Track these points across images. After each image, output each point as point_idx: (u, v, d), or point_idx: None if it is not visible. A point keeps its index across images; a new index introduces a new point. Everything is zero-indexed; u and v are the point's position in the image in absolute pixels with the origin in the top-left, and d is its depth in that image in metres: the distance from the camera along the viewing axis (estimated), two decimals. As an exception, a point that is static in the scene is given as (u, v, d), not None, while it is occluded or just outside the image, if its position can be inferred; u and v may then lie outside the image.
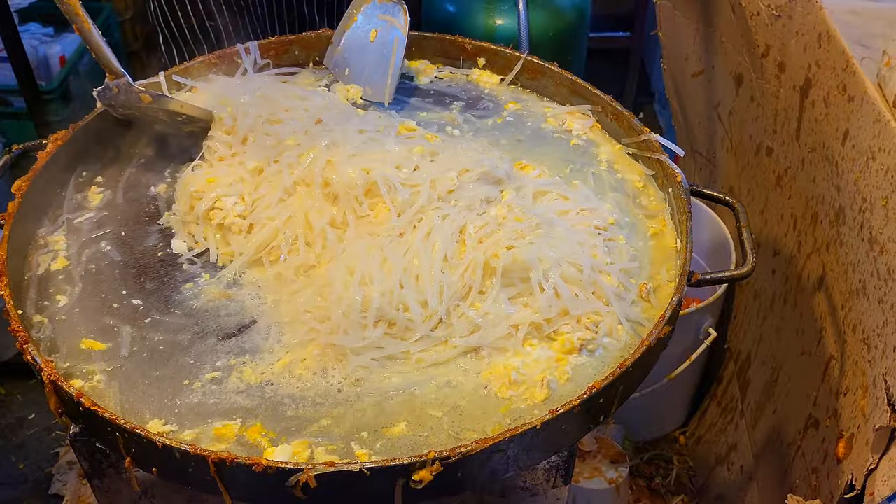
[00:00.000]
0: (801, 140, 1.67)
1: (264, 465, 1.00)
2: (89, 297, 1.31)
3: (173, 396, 1.17)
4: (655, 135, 1.51)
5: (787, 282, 1.78)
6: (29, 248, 1.38)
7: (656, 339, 1.18)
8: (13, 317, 1.18)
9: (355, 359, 1.21)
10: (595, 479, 2.08)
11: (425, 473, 1.03)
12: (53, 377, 1.10)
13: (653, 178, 1.52)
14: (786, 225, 1.77)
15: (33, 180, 1.39)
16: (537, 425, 1.06)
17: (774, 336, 1.88)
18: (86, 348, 1.23)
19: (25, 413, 2.54)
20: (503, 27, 2.71)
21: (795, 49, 1.66)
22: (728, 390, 2.17)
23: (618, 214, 1.43)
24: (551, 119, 1.66)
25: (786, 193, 1.77)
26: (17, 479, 2.38)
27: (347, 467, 1.01)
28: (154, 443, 1.03)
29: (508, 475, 1.12)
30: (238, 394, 1.17)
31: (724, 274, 1.35)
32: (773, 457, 1.80)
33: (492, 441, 1.04)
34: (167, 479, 1.09)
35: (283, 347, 1.24)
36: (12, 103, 3.13)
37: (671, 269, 1.36)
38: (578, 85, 1.66)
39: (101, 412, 1.06)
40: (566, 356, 1.23)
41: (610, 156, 1.58)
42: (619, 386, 1.15)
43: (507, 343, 1.23)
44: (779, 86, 1.76)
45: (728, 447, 2.12)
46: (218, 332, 1.25)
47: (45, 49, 3.19)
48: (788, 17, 1.68)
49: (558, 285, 1.24)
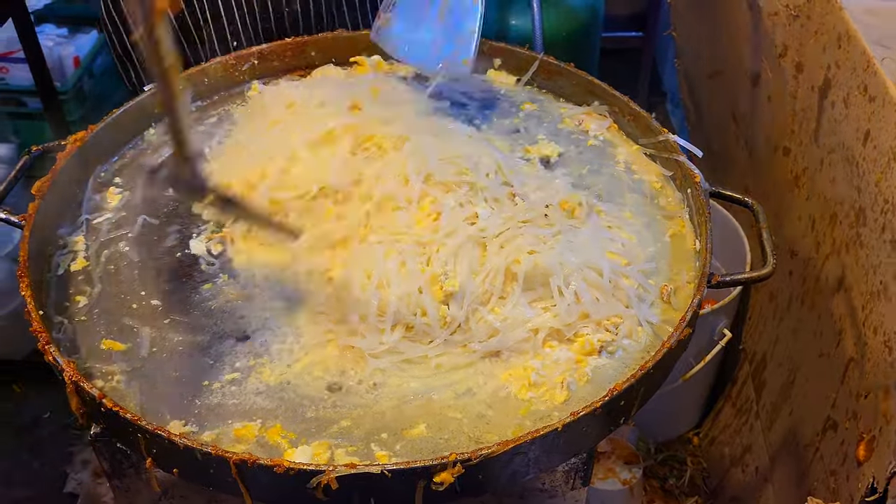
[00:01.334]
0: (819, 141, 1.67)
1: (286, 466, 1.00)
2: (109, 297, 1.31)
3: (193, 397, 1.17)
4: (674, 135, 1.51)
5: (804, 283, 1.78)
6: (49, 248, 1.38)
7: (677, 340, 1.18)
8: (34, 317, 1.18)
9: (374, 362, 1.21)
10: (609, 479, 2.08)
11: (447, 475, 1.03)
12: (75, 378, 1.10)
13: (671, 179, 1.51)
14: (803, 226, 1.76)
15: (53, 181, 1.40)
16: (559, 427, 1.06)
17: (791, 337, 1.87)
18: (106, 349, 1.23)
19: (40, 412, 2.55)
20: (516, 27, 2.71)
21: (814, 49, 1.65)
22: (743, 391, 2.17)
23: (636, 215, 1.43)
24: (567, 119, 1.65)
25: (803, 194, 1.76)
26: (32, 478, 2.39)
27: (369, 469, 1.01)
28: (176, 444, 1.03)
29: (529, 477, 1.12)
30: (257, 395, 1.18)
31: (743, 276, 1.34)
32: (790, 458, 1.80)
33: (513, 443, 1.04)
34: (188, 479, 1.09)
35: (301, 349, 1.24)
36: (27, 104, 3.15)
37: (690, 270, 1.35)
38: (595, 85, 1.65)
39: (123, 413, 1.06)
40: (586, 358, 1.23)
41: (627, 156, 1.57)
42: (640, 388, 1.15)
43: (527, 346, 1.23)
44: (797, 86, 1.75)
45: (743, 448, 2.11)
46: (237, 333, 1.26)
47: (60, 50, 3.20)
48: (807, 17, 1.67)
49: (579, 290, 1.24)
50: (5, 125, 3.19)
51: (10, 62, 3.10)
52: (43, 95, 2.56)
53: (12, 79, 3.12)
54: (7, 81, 3.12)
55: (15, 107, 3.16)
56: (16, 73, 3.10)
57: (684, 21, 2.33)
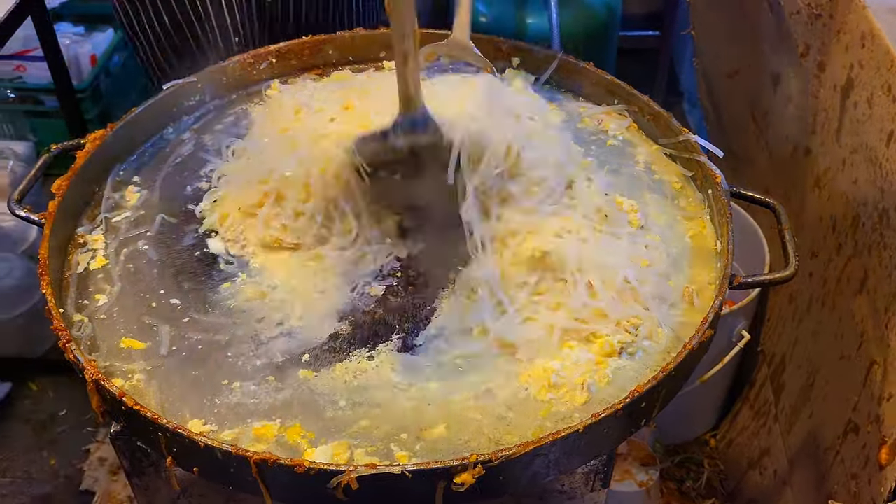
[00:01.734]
0: (841, 141, 1.65)
1: (306, 466, 1.00)
2: (128, 296, 1.31)
3: (212, 396, 1.17)
4: (694, 135, 1.50)
5: (825, 284, 1.76)
6: (69, 246, 1.38)
7: (699, 342, 1.17)
8: (55, 315, 1.18)
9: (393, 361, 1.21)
10: (625, 481, 2.07)
11: (467, 476, 1.02)
12: (96, 376, 1.10)
13: (691, 180, 1.50)
14: (824, 227, 1.75)
15: (72, 180, 1.40)
16: (580, 429, 1.05)
17: (811, 339, 1.86)
18: (125, 347, 1.23)
19: (57, 409, 2.56)
20: (533, 25, 2.70)
21: (836, 48, 1.64)
22: (761, 394, 2.15)
23: (657, 215, 1.42)
24: (587, 119, 1.64)
25: (825, 195, 1.75)
26: (49, 475, 2.40)
27: (389, 469, 1.00)
28: (196, 443, 1.03)
29: (549, 479, 1.11)
30: (277, 394, 1.17)
31: (765, 277, 1.33)
32: (810, 462, 1.78)
33: (534, 444, 1.03)
34: (208, 478, 1.09)
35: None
36: (44, 102, 3.17)
37: (711, 271, 1.34)
38: (615, 84, 1.64)
39: (144, 411, 1.06)
40: (606, 359, 1.22)
41: (647, 156, 1.56)
42: (661, 390, 1.14)
43: (543, 340, 1.22)
44: (818, 86, 1.74)
45: (761, 451, 2.10)
46: (256, 332, 1.25)
47: (77, 48, 3.21)
48: (829, 16, 1.66)
49: (598, 289, 1.23)
50: (23, 123, 3.20)
51: (28, 60, 3.11)
52: (60, 94, 2.56)
53: (29, 77, 3.13)
54: (24, 80, 3.14)
55: (32, 105, 3.17)
56: (33, 72, 3.11)
57: (703, 20, 2.32)
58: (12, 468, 2.42)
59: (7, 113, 3.16)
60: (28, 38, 2.88)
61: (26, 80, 3.14)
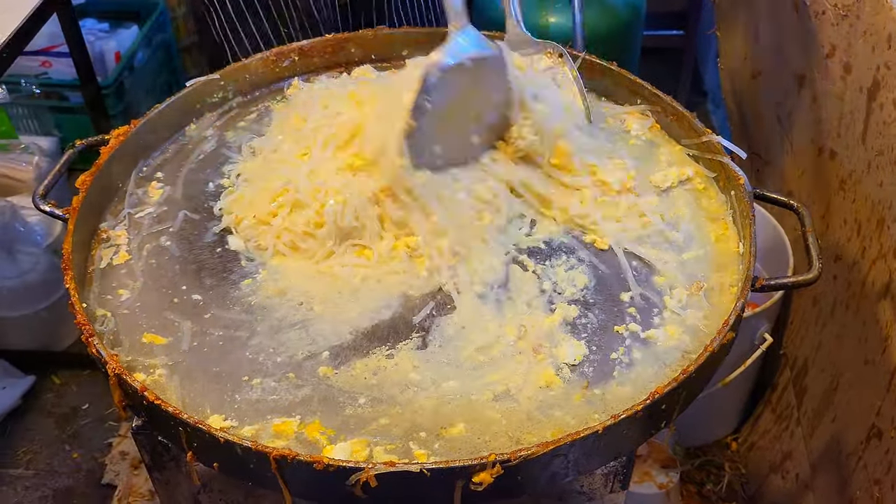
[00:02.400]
0: (867, 143, 1.63)
1: (325, 462, 1.00)
2: (150, 291, 1.32)
3: (233, 392, 1.17)
4: (717, 136, 1.48)
5: (849, 288, 1.74)
6: (92, 242, 1.39)
7: (720, 344, 1.16)
8: (78, 310, 1.19)
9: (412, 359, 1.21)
10: (645, 483, 2.06)
11: (486, 476, 1.02)
12: (118, 371, 1.11)
13: (714, 181, 1.49)
14: (849, 230, 1.73)
15: (96, 175, 1.41)
16: (599, 430, 1.05)
17: (834, 343, 1.84)
18: (147, 342, 1.24)
19: (79, 402, 2.58)
20: (556, 25, 2.69)
21: (863, 50, 1.62)
22: (783, 397, 2.13)
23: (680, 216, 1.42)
24: (610, 119, 1.63)
25: (849, 198, 1.73)
26: (72, 468, 2.42)
27: (408, 467, 1.00)
28: (216, 438, 1.03)
29: (568, 479, 1.11)
30: (297, 390, 1.18)
31: (789, 280, 1.32)
32: (832, 466, 1.77)
33: (553, 445, 1.03)
34: (228, 474, 1.10)
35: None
36: (68, 98, 3.20)
37: (734, 273, 1.33)
38: (638, 84, 1.63)
39: (165, 406, 1.07)
40: (624, 357, 1.21)
41: (670, 157, 1.55)
42: (681, 391, 1.13)
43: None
44: (844, 87, 1.72)
45: (783, 455, 2.08)
46: (276, 329, 1.26)
47: (101, 45, 3.24)
48: (856, 17, 1.64)
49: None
50: (47, 119, 3.24)
51: (53, 56, 3.15)
52: (85, 90, 2.59)
53: (54, 73, 3.17)
54: (49, 75, 3.17)
55: (57, 101, 3.21)
56: (58, 68, 3.15)
57: (728, 20, 2.30)
58: (35, 461, 2.45)
59: (32, 108, 3.19)
60: (53, 34, 2.91)
61: (51, 75, 3.17)
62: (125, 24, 3.43)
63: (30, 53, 3.07)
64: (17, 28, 2.02)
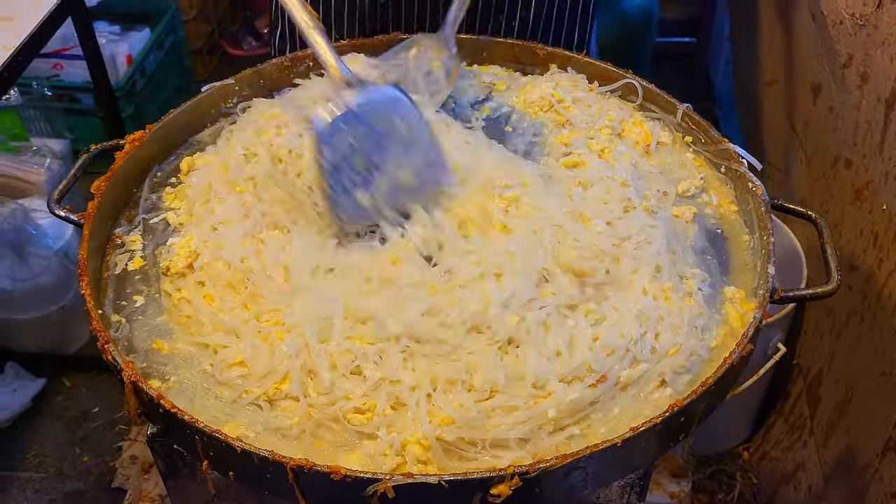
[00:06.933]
0: (884, 153, 1.62)
1: (343, 473, 0.99)
2: (165, 297, 1.31)
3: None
4: (734, 145, 1.48)
5: (864, 299, 1.73)
6: (106, 247, 1.39)
7: (739, 356, 1.15)
8: (94, 316, 1.19)
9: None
10: (656, 493, 2.05)
11: (504, 488, 1.01)
12: (134, 378, 1.10)
13: (731, 190, 1.48)
14: (865, 240, 1.72)
15: (111, 180, 1.41)
16: (618, 442, 1.04)
17: (849, 354, 1.83)
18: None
19: (90, 406, 2.58)
20: (569, 32, 2.68)
21: (881, 59, 1.61)
22: (796, 407, 2.12)
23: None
24: (626, 125, 1.62)
25: (866, 208, 1.72)
26: (82, 472, 2.42)
27: (426, 479, 1.00)
28: (233, 447, 1.03)
29: (586, 492, 1.10)
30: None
31: (807, 291, 1.31)
32: (846, 478, 1.75)
33: (572, 457, 1.02)
34: (244, 483, 1.09)
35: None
36: (80, 100, 3.20)
37: (751, 284, 1.32)
38: (653, 93, 1.62)
39: (181, 415, 1.06)
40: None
41: (686, 165, 1.54)
42: (700, 404, 1.12)
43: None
44: (861, 97, 1.71)
45: (795, 465, 2.07)
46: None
47: (113, 48, 3.25)
48: (874, 27, 1.63)
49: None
50: (59, 121, 3.24)
51: (65, 59, 3.15)
52: (98, 92, 2.58)
53: (67, 75, 3.17)
54: (62, 78, 3.17)
55: (69, 103, 3.21)
56: (70, 70, 3.15)
57: (742, 27, 2.29)
58: (45, 464, 2.45)
59: (44, 110, 3.20)
60: (65, 36, 2.91)
61: (63, 78, 3.17)
62: (137, 26, 3.43)
63: (42, 56, 3.05)
64: (31, 32, 2.02)
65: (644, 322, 1.21)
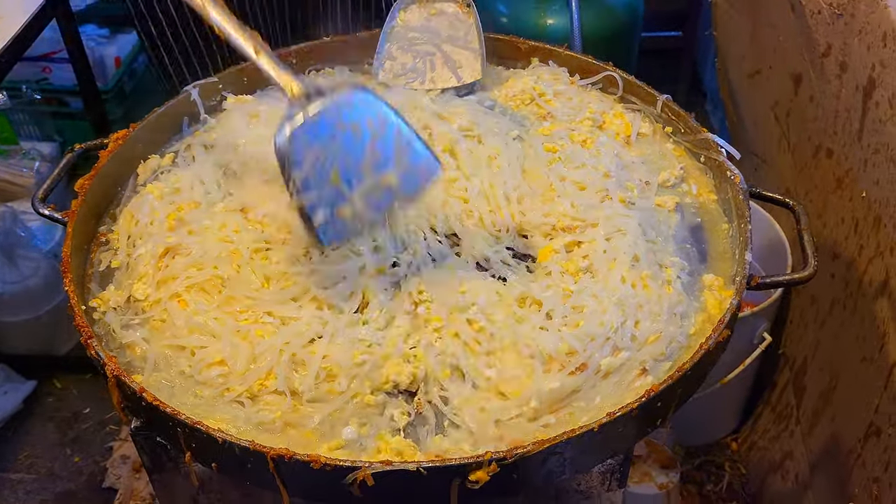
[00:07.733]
0: (863, 141, 1.64)
1: (322, 461, 1.00)
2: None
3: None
4: (713, 135, 1.49)
5: (846, 286, 1.74)
6: (91, 245, 1.40)
7: (715, 342, 1.16)
8: (77, 312, 1.20)
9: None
10: (645, 484, 2.06)
11: (482, 474, 1.02)
12: (117, 372, 1.11)
13: (710, 179, 1.49)
14: (846, 228, 1.73)
15: (95, 179, 1.42)
16: (594, 427, 1.05)
17: (832, 342, 1.84)
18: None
19: (80, 407, 2.59)
20: (553, 27, 2.69)
21: (858, 48, 1.62)
22: (783, 396, 2.13)
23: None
24: (608, 118, 1.63)
25: (846, 196, 1.73)
26: (73, 472, 2.43)
27: (405, 466, 1.01)
28: (214, 438, 1.04)
29: (564, 477, 1.11)
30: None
31: (784, 277, 1.32)
32: (831, 465, 1.77)
33: (549, 443, 1.03)
34: (226, 474, 1.10)
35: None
36: (69, 103, 3.20)
37: (729, 270, 1.33)
38: (634, 85, 1.64)
39: (163, 407, 1.07)
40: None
41: (666, 155, 1.55)
42: (677, 389, 1.13)
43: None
44: (840, 86, 1.72)
45: (783, 454, 2.08)
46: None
47: (101, 50, 3.25)
48: (851, 16, 1.64)
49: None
50: (48, 124, 3.25)
51: (53, 62, 3.15)
52: (85, 95, 2.59)
53: (55, 78, 3.18)
54: (50, 81, 3.18)
55: (57, 106, 3.21)
56: (58, 73, 3.15)
57: (725, 20, 2.31)
58: (36, 465, 2.45)
59: (33, 114, 3.20)
60: (53, 40, 2.90)
61: (52, 81, 3.18)
62: (125, 29, 3.43)
63: (30, 59, 3.07)
64: (16, 34, 2.03)
65: (624, 310, 1.22)
